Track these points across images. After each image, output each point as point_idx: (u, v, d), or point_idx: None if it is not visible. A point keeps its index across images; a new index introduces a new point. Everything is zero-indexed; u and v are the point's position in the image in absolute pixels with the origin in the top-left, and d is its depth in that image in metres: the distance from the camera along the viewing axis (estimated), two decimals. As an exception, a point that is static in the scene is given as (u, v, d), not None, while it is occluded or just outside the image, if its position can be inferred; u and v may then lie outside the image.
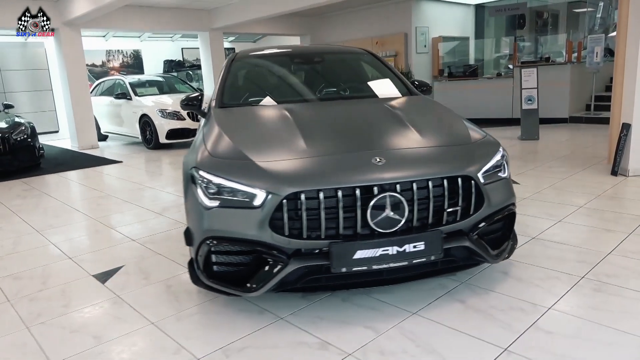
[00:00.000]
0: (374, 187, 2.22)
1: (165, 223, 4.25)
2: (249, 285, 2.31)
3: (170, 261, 3.31)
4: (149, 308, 2.64)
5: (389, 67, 3.96)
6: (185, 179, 2.65)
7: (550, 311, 2.36)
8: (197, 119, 8.84)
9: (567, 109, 9.39)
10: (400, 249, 2.24)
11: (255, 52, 4.19)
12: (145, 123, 9.30)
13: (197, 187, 2.44)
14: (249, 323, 2.41)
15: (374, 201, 2.20)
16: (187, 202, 2.63)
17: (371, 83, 3.84)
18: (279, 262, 2.28)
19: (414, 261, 2.28)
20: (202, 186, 2.41)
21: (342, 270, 2.23)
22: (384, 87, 3.70)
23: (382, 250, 2.23)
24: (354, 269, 2.24)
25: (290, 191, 2.20)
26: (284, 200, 2.20)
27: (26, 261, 3.51)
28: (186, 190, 2.63)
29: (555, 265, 2.90)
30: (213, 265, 2.43)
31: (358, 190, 2.21)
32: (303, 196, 2.20)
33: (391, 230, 2.25)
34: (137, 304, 2.70)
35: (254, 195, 2.26)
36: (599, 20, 12.42)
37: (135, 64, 14.03)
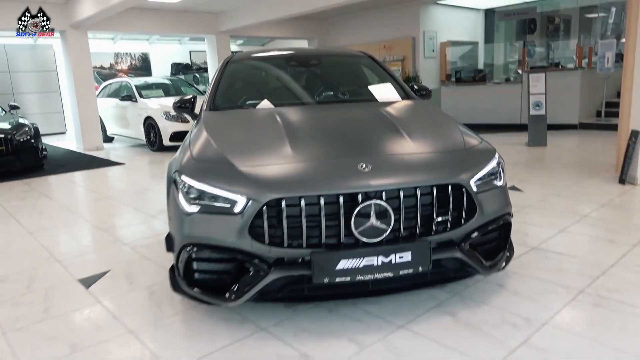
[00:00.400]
0: (358, 194, 2.13)
1: (158, 226, 4.18)
2: (227, 295, 2.22)
3: (157, 266, 3.23)
4: (129, 315, 2.56)
5: (387, 70, 3.86)
6: (168, 182, 2.58)
7: (545, 327, 2.24)
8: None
9: (577, 115, 9.21)
10: (386, 260, 2.14)
11: (251, 54, 4.12)
12: (150, 125, 9.29)
13: (179, 191, 2.37)
14: (229, 333, 2.32)
15: (358, 209, 2.10)
16: (169, 207, 2.56)
17: (367, 87, 3.75)
18: (259, 271, 2.19)
19: (401, 272, 2.18)
20: (183, 191, 2.34)
21: (325, 280, 2.14)
22: (381, 91, 3.60)
23: (367, 261, 2.13)
24: (337, 279, 2.14)
25: (271, 197, 2.11)
26: (264, 207, 2.12)
27: (14, 263, 3.46)
28: (168, 195, 2.56)
29: (553, 277, 2.77)
30: (194, 272, 2.35)
31: (341, 197, 2.11)
32: (284, 203, 2.11)
33: (376, 239, 2.15)
34: (118, 310, 2.63)
35: (234, 201, 2.18)
36: (612, 25, 12.20)
37: (144, 66, 14.10)
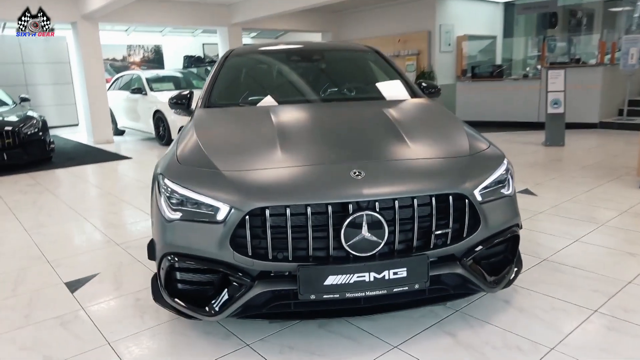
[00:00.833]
0: (349, 204, 1.95)
1: (155, 226, 4.06)
2: (208, 309, 2.07)
3: (147, 270, 3.10)
4: (110, 325, 2.43)
5: (394, 66, 3.66)
6: (152, 184, 2.44)
7: (552, 352, 2.04)
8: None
9: (598, 113, 8.85)
10: (379, 276, 1.97)
11: (252, 49, 3.95)
12: (159, 119, 9.21)
13: (161, 196, 2.22)
14: (211, 349, 2.18)
15: (348, 220, 1.93)
16: (152, 211, 2.41)
17: (371, 84, 3.56)
18: (242, 285, 2.03)
19: (395, 290, 2.00)
20: (165, 195, 2.19)
21: (311, 297, 1.97)
22: (385, 89, 3.40)
23: (357, 277, 1.96)
24: (325, 296, 1.97)
25: (254, 206, 1.95)
26: (247, 217, 1.95)
27: (4, 263, 3.37)
28: (152, 198, 2.41)
29: (565, 294, 2.56)
30: (176, 282, 2.21)
31: (330, 207, 1.94)
32: (268, 212, 1.94)
33: (368, 254, 1.98)
34: (99, 319, 2.50)
35: (217, 209, 2.02)
36: (637, 20, 11.73)
37: (156, 59, 14.05)
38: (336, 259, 1.99)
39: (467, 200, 2.09)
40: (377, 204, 1.96)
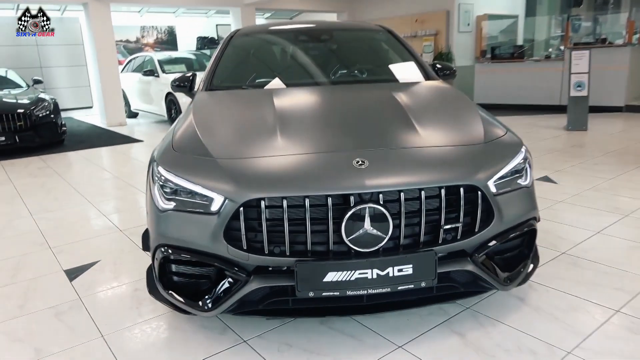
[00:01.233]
0: (350, 196, 1.81)
1: (160, 212, 3.98)
2: (202, 304, 1.97)
3: (147, 259, 3.01)
4: (105, 317, 2.36)
5: (406, 47, 3.46)
6: (148, 171, 2.33)
7: (569, 357, 1.90)
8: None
9: (624, 96, 8.46)
10: (382, 273, 1.84)
11: (257, 28, 3.78)
12: (171, 101, 9.12)
13: (155, 184, 2.11)
14: (206, 344, 2.08)
15: (349, 213, 1.79)
16: (146, 199, 2.31)
17: (382, 66, 3.37)
18: (237, 280, 1.92)
19: (400, 288, 1.87)
20: (158, 184, 2.08)
21: (310, 294, 1.85)
22: (396, 71, 3.22)
23: (359, 273, 1.83)
24: (324, 294, 1.85)
25: (249, 197, 1.83)
26: (241, 208, 1.83)
27: (6, 249, 3.33)
28: (147, 186, 2.31)
29: (584, 292, 2.40)
30: (171, 275, 2.11)
31: (330, 199, 1.80)
32: (263, 204, 1.82)
33: (372, 249, 1.84)
34: (95, 310, 2.43)
35: (210, 199, 1.90)
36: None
37: (170, 40, 13.92)
38: (337, 255, 1.86)
39: (480, 192, 1.93)
40: (380, 195, 1.82)
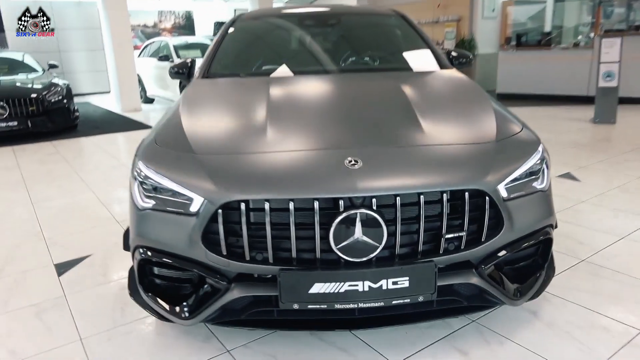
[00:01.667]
0: (340, 200, 1.63)
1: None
2: (179, 310, 1.82)
3: (140, 254, 2.90)
4: (86, 317, 2.24)
5: (420, 33, 3.23)
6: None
7: (584, 384, 1.69)
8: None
9: (657, 87, 8.01)
10: (375, 285, 1.66)
11: (261, 13, 3.59)
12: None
13: (135, 181, 1.96)
14: (186, 352, 1.94)
15: (338, 219, 1.61)
16: (129, 196, 2.16)
17: (392, 53, 3.15)
18: (217, 288, 1.77)
19: (394, 302, 1.69)
20: (138, 181, 1.93)
21: (294, 306, 1.68)
22: (407, 59, 3.00)
23: (349, 285, 1.65)
24: (310, 306, 1.68)
25: (227, 199, 1.66)
26: (219, 210, 1.67)
27: (0, 239, 3.26)
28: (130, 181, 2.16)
29: (604, 306, 2.17)
30: (151, 277, 1.96)
31: (317, 202, 1.62)
32: (244, 207, 1.65)
33: (364, 259, 1.66)
34: (78, 310, 2.31)
35: (191, 199, 1.74)
36: None
37: (187, 25, 13.80)
38: (325, 264, 1.68)
39: (487, 197, 1.72)
40: (373, 200, 1.63)
